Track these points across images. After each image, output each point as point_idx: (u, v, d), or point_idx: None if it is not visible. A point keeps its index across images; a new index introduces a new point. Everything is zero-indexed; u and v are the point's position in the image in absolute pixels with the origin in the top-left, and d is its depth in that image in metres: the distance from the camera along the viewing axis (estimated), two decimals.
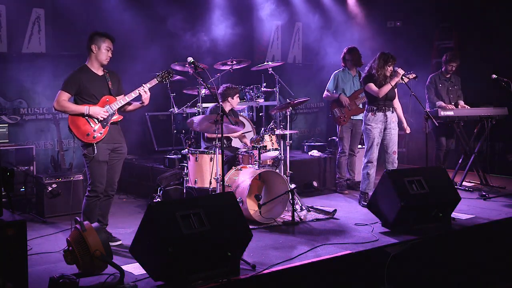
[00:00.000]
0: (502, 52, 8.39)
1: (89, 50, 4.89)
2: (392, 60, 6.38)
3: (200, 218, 3.96)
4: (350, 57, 7.23)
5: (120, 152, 5.04)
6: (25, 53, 7.28)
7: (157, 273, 3.90)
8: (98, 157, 4.82)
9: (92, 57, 4.89)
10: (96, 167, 4.85)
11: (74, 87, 4.80)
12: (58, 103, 4.76)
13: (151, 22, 8.10)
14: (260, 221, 5.54)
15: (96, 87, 4.87)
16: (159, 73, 5.08)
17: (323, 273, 4.40)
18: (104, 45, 4.85)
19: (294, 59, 9.99)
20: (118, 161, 5.04)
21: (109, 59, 4.91)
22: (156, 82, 5.03)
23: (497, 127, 7.50)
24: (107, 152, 4.91)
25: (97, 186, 4.87)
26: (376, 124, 6.39)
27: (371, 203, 5.49)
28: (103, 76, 4.94)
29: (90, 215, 4.86)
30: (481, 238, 5.48)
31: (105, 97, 4.89)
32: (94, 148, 4.79)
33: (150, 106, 8.07)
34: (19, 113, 7.24)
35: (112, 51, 4.93)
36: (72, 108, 4.79)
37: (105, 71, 4.98)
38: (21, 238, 3.52)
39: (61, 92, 4.78)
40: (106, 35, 4.91)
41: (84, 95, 4.83)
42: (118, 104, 4.92)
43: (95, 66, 4.91)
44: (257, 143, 6.04)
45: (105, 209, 5.06)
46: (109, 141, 4.90)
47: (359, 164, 7.76)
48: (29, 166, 6.42)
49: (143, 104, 5.01)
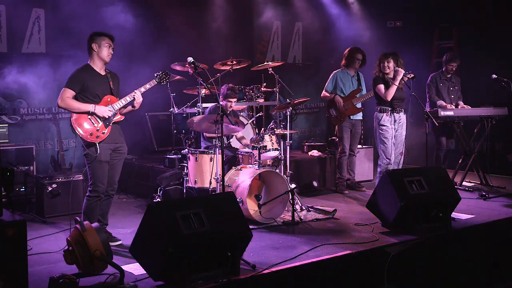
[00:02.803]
0: (502, 52, 8.38)
1: (90, 50, 4.90)
2: (387, 57, 6.46)
3: (200, 218, 3.96)
4: (361, 56, 7.23)
5: (121, 152, 5.05)
6: (25, 53, 7.28)
7: (157, 273, 3.90)
8: (100, 157, 4.82)
9: (94, 56, 4.90)
10: (97, 167, 4.85)
11: (78, 84, 4.79)
12: (63, 100, 4.74)
13: (151, 22, 8.10)
14: (260, 221, 5.54)
15: (99, 86, 4.88)
16: (157, 74, 5.08)
17: (323, 273, 4.40)
18: (104, 42, 4.87)
19: (294, 59, 9.99)
20: (118, 161, 5.04)
21: (111, 56, 4.92)
22: (155, 83, 5.04)
23: (497, 127, 7.49)
24: (108, 152, 4.91)
25: (98, 186, 4.87)
26: (391, 125, 6.49)
27: (371, 203, 5.49)
28: (105, 76, 4.96)
29: (90, 215, 4.86)
30: (481, 238, 5.48)
31: (107, 97, 4.90)
32: (97, 147, 4.79)
33: (150, 106, 8.18)
34: (19, 113, 7.23)
35: (113, 48, 4.93)
36: (77, 106, 4.77)
37: (106, 71, 4.99)
38: (21, 238, 3.51)
39: (65, 89, 4.77)
40: (105, 33, 4.93)
41: (87, 93, 4.83)
42: (120, 104, 4.93)
43: (98, 65, 4.92)
44: (257, 143, 6.04)
45: (105, 208, 5.06)
46: (110, 141, 4.90)
47: (359, 164, 7.78)
48: (29, 166, 6.42)
49: (134, 108, 5.03)
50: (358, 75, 7.39)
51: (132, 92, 4.93)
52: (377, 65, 6.70)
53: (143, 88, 4.98)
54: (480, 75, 7.95)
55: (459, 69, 7.66)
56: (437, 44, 9.62)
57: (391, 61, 6.54)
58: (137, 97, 4.92)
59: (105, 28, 7.40)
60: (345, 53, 7.33)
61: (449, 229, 5.30)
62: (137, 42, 7.87)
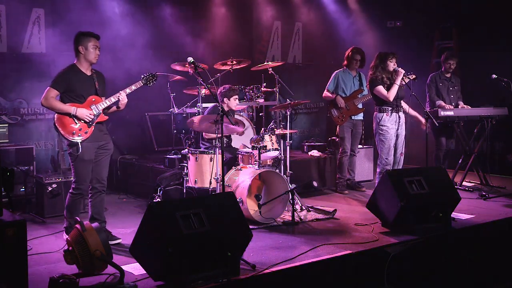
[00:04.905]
0: (502, 52, 8.38)
1: (76, 51, 4.92)
2: (391, 55, 6.43)
3: (200, 218, 3.96)
4: (359, 57, 7.23)
5: (107, 148, 5.08)
6: (25, 53, 7.27)
7: (157, 273, 3.90)
8: (83, 156, 4.87)
9: (80, 58, 4.92)
10: (81, 165, 4.90)
11: (63, 85, 4.83)
12: (46, 100, 4.79)
13: (151, 22, 8.10)
14: (260, 221, 5.54)
15: (84, 87, 4.90)
16: (143, 76, 5.12)
17: (323, 273, 4.40)
18: (90, 44, 4.87)
19: (294, 59, 9.99)
20: (105, 156, 5.07)
21: (97, 57, 4.94)
22: (141, 84, 5.07)
23: (497, 127, 7.49)
24: (92, 151, 4.95)
25: (81, 184, 4.94)
26: (391, 125, 6.46)
27: (371, 203, 5.49)
28: (91, 76, 4.98)
29: (73, 210, 4.97)
30: (481, 238, 5.48)
31: (92, 97, 4.93)
32: (78, 147, 4.83)
33: (150, 106, 8.19)
34: (19, 113, 7.24)
35: (99, 49, 4.94)
36: (60, 107, 4.82)
37: (93, 71, 5.01)
38: (21, 238, 3.51)
39: (49, 89, 4.81)
40: (91, 34, 4.93)
41: (72, 94, 4.86)
42: (104, 105, 4.96)
43: (84, 66, 4.94)
44: (257, 143, 6.04)
45: (100, 206, 5.10)
46: (94, 140, 4.94)
47: (359, 164, 7.78)
48: (29, 166, 6.42)
49: (119, 109, 5.07)
50: (359, 75, 7.39)
51: (117, 93, 4.96)
52: (374, 66, 6.61)
53: (129, 89, 5.01)
54: (480, 75, 7.95)
55: (458, 69, 7.66)
56: (437, 44, 9.61)
57: (393, 60, 6.52)
58: (121, 98, 4.96)
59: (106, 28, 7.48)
60: (348, 53, 7.32)
61: (449, 229, 5.29)
62: (137, 42, 7.87)
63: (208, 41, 8.57)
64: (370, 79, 6.60)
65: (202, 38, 8.53)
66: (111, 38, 7.47)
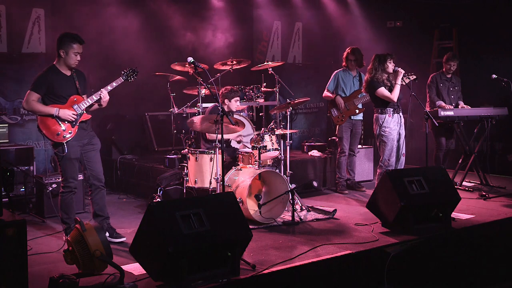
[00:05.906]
0: (502, 52, 8.39)
1: (58, 52, 4.89)
2: (389, 56, 6.41)
3: (200, 218, 3.96)
4: (353, 57, 7.22)
5: (93, 144, 5.10)
6: (25, 53, 7.28)
7: (157, 273, 3.90)
8: (70, 155, 4.89)
9: (60, 60, 4.90)
10: (68, 164, 4.93)
11: (43, 87, 4.83)
12: (28, 103, 4.80)
13: (151, 22, 8.10)
14: (260, 221, 5.54)
15: (64, 87, 4.90)
16: (124, 71, 5.10)
17: (323, 273, 4.40)
18: (72, 51, 4.83)
19: (294, 59, 9.99)
20: (93, 151, 5.09)
21: (77, 62, 4.92)
22: (122, 81, 5.06)
23: (497, 127, 7.50)
24: (78, 149, 4.97)
25: (70, 182, 4.97)
26: (394, 126, 6.43)
27: (371, 203, 5.49)
28: (71, 76, 4.97)
29: (68, 209, 4.97)
30: (481, 238, 5.48)
31: (73, 97, 4.93)
32: (64, 147, 4.85)
33: (150, 105, 8.19)
34: (19, 113, 7.24)
35: (80, 54, 4.91)
36: (41, 109, 4.82)
37: (73, 70, 5.00)
38: (21, 238, 3.52)
39: (30, 92, 4.81)
40: (75, 38, 4.86)
41: (52, 95, 4.86)
42: (86, 104, 4.96)
43: (63, 67, 4.93)
44: (257, 143, 6.04)
45: (101, 202, 5.11)
46: (78, 139, 4.95)
47: (359, 164, 7.78)
48: (29, 166, 6.42)
49: (101, 106, 5.08)
50: (360, 75, 7.38)
51: (99, 91, 4.96)
52: (373, 68, 6.51)
53: (110, 86, 5.01)
54: (480, 75, 7.95)
55: (459, 69, 7.66)
56: (437, 44, 9.62)
57: (392, 60, 6.49)
58: (103, 96, 4.96)
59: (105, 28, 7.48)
60: (347, 53, 7.31)
61: (449, 229, 5.30)
62: (137, 42, 7.87)
63: (208, 41, 8.56)
64: (370, 81, 6.48)
65: (202, 38, 8.52)
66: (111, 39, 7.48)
